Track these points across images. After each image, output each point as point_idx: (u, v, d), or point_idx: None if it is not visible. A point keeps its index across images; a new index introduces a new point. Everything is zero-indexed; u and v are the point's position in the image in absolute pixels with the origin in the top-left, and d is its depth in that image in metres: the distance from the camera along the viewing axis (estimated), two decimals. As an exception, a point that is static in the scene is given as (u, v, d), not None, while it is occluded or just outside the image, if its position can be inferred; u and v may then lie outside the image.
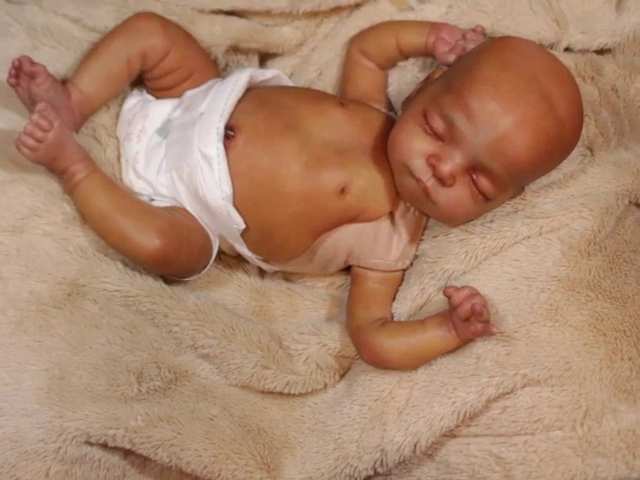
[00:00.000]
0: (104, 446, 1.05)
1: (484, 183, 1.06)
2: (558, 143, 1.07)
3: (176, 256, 1.12)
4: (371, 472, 1.10)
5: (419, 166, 1.07)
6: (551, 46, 1.24)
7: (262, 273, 1.25)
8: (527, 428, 1.06)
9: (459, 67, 1.10)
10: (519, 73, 1.05)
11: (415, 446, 1.07)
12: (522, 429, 1.06)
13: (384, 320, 1.14)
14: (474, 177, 1.06)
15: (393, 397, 1.10)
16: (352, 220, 1.14)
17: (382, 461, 1.08)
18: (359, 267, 1.18)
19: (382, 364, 1.12)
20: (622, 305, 1.10)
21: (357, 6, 1.29)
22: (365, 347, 1.13)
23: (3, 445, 1.02)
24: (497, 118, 1.03)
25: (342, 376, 1.18)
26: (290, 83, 1.28)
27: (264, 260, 1.19)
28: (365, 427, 1.10)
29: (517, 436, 1.06)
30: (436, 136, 1.06)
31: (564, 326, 1.08)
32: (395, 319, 1.15)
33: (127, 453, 1.07)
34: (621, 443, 1.03)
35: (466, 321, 1.06)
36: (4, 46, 1.17)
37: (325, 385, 1.17)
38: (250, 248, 1.16)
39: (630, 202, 1.18)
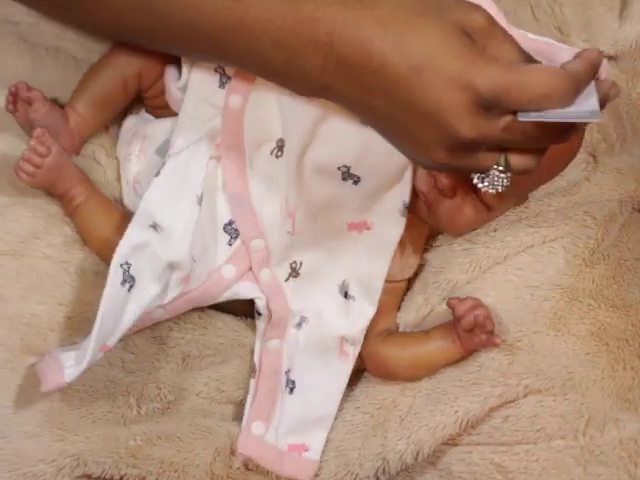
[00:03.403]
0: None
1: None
2: (561, 150, 1.06)
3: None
4: (373, 480, 1.10)
5: (420, 177, 1.07)
6: (554, 53, 1.23)
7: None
8: (529, 437, 1.06)
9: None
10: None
11: (417, 454, 1.07)
12: (524, 438, 1.06)
13: (389, 331, 1.14)
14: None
15: (396, 405, 1.11)
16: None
17: (384, 469, 1.09)
18: (363, 277, 1.18)
19: (388, 375, 1.13)
20: (625, 314, 1.10)
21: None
22: (370, 358, 1.13)
23: (2, 467, 1.01)
24: (498, 127, 1.02)
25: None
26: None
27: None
28: (367, 435, 1.10)
29: (519, 445, 1.06)
30: (438, 147, 1.06)
31: (567, 335, 1.08)
32: (400, 329, 1.15)
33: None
34: (623, 452, 1.04)
35: (470, 332, 1.06)
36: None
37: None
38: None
39: (634, 209, 1.17)
